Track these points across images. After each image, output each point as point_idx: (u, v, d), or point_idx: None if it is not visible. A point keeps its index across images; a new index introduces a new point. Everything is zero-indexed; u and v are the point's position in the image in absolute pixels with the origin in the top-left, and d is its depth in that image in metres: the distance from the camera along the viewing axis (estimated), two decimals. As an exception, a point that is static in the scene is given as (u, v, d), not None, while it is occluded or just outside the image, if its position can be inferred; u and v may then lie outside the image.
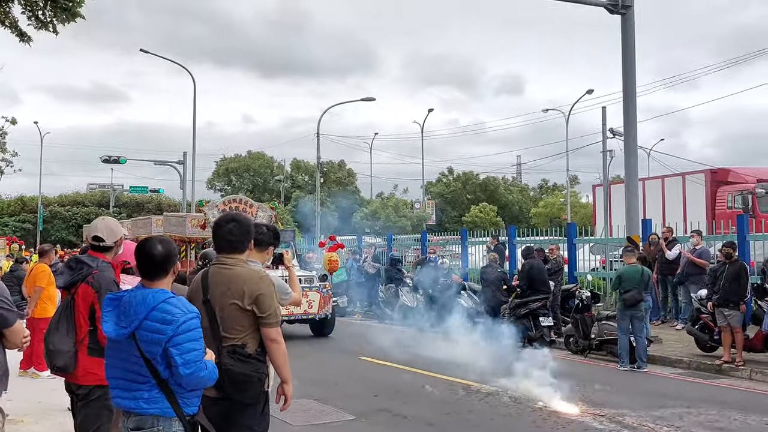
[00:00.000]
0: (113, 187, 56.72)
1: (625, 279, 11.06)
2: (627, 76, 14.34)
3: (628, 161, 14.35)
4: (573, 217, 44.76)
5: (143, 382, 3.25)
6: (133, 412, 3.27)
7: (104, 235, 4.51)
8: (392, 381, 9.91)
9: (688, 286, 13.76)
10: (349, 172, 66.72)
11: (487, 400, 8.59)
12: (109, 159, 30.50)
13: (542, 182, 73.58)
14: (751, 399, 8.77)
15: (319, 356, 12.62)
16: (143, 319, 3.22)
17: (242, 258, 4.01)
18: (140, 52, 30.81)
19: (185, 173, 31.61)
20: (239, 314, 3.86)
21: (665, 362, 11.21)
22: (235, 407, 3.90)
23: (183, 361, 3.18)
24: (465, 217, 59.14)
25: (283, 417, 7.46)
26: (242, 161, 69.24)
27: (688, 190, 23.76)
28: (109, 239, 4.51)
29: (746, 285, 10.47)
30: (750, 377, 10.03)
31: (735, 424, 7.43)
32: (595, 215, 28.78)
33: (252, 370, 3.81)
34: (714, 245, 14.56)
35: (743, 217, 14.44)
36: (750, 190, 21.49)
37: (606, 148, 29.82)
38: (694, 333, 11.49)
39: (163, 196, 52.82)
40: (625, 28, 14.36)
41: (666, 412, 7.85)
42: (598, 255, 18.39)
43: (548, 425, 7.36)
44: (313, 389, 9.20)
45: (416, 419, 7.69)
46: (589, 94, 38.73)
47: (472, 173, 68.93)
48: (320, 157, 36.11)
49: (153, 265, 3.41)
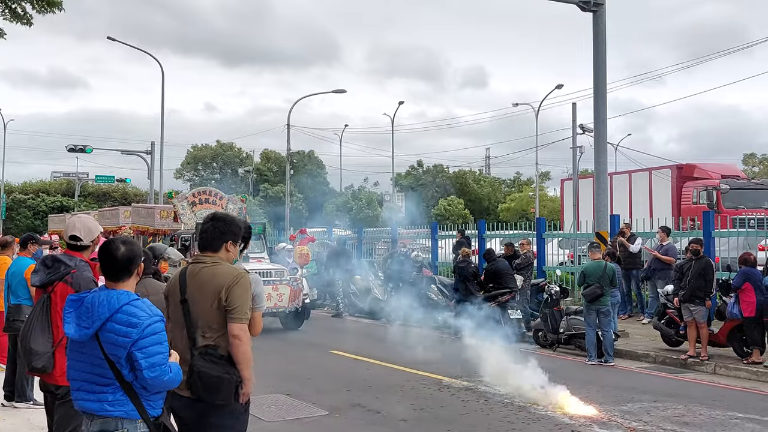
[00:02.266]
0: (78, 176, 55.80)
1: (588, 275, 11.23)
2: (598, 73, 14.46)
3: (598, 159, 14.51)
4: (541, 211, 45.15)
5: (107, 384, 3.23)
6: (96, 415, 3.25)
7: (82, 234, 4.46)
8: (364, 375, 9.93)
9: (655, 281, 13.99)
10: (318, 163, 66.45)
11: (459, 395, 8.66)
12: (75, 148, 29.93)
13: (515, 176, 74.00)
14: (715, 393, 8.97)
15: (290, 350, 12.59)
16: (106, 320, 3.20)
17: (220, 256, 3.99)
18: (97, 39, 30.30)
19: (153, 163, 31.18)
20: (214, 314, 3.84)
21: (632, 356, 11.41)
22: (209, 408, 3.88)
23: (148, 365, 3.17)
24: (434, 210, 59.32)
25: (256, 413, 7.44)
26: (211, 151, 68.53)
27: (654, 186, 24.13)
28: (86, 238, 4.47)
29: (712, 281, 10.68)
30: (714, 372, 10.25)
31: (700, 418, 7.59)
32: (563, 209, 29.08)
33: (224, 371, 3.78)
34: (680, 241, 14.82)
35: (709, 214, 14.72)
36: (715, 186, 21.90)
37: (576, 144, 30.12)
38: (660, 328, 11.70)
39: (130, 186, 52.11)
40: (597, 25, 14.47)
41: (634, 407, 7.99)
42: (567, 249, 18.61)
43: (519, 420, 7.45)
44: (285, 384, 9.18)
45: (389, 414, 7.72)
46: (559, 89, 39.03)
47: (442, 166, 69.16)
48: (290, 149, 35.87)
49: (116, 266, 3.37)
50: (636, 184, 24.86)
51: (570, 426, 7.23)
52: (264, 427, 7.12)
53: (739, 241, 14.02)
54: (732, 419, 7.54)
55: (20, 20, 6.64)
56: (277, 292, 14.20)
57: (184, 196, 16.52)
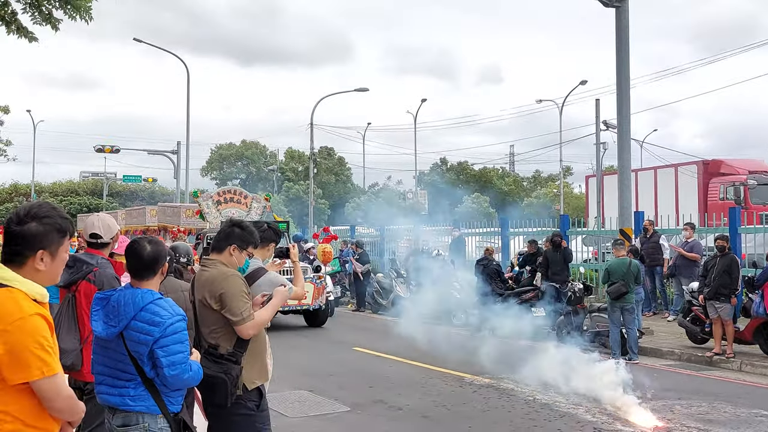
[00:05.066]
0: (106, 176, 56.54)
1: (613, 272, 11.15)
2: (621, 69, 14.33)
3: (621, 156, 14.38)
4: (565, 208, 44.84)
5: (129, 379, 3.31)
6: (118, 409, 3.33)
7: (101, 232, 4.57)
8: (386, 372, 9.98)
9: (680, 278, 13.87)
10: (341, 161, 66.59)
11: (481, 392, 8.67)
12: (103, 148, 30.33)
13: (536, 173, 73.61)
14: (740, 391, 8.88)
15: (313, 347, 12.68)
16: (131, 319, 3.28)
17: (220, 258, 4.06)
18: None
19: (179, 163, 31.50)
20: (209, 315, 3.92)
21: (656, 354, 11.33)
22: (211, 407, 3.97)
23: (168, 363, 3.24)
24: (458, 207, 59.18)
25: (279, 409, 7.54)
26: (236, 150, 69.06)
27: (680, 182, 23.85)
28: (106, 236, 4.58)
29: (737, 278, 10.57)
30: (740, 369, 10.15)
31: (725, 415, 7.53)
32: (588, 206, 28.87)
33: (221, 370, 3.82)
34: (706, 237, 14.66)
35: (735, 210, 14.53)
36: (742, 181, 21.60)
37: (599, 140, 29.88)
38: (685, 325, 11.60)
39: (156, 185, 52.71)
40: (620, 20, 14.33)
41: (657, 404, 7.94)
42: (591, 246, 18.49)
43: (541, 417, 7.44)
44: (307, 380, 9.27)
45: (411, 411, 7.76)
46: (583, 85, 38.74)
47: (467, 164, 68.94)
48: (314, 148, 36.02)
49: (141, 265, 3.45)
50: (661, 180, 24.60)
51: (592, 423, 7.21)
52: (287, 423, 7.20)
53: (766, 237, 13.83)
54: (757, 417, 7.47)
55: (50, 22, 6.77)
56: (301, 289, 14.27)
57: (209, 195, 16.69)
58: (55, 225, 2.65)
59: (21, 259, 2.59)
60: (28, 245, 2.59)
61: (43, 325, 2.52)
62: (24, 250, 2.59)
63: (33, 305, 2.53)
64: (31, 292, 2.54)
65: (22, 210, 2.64)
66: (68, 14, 6.78)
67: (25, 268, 2.59)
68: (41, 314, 2.54)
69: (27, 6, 6.84)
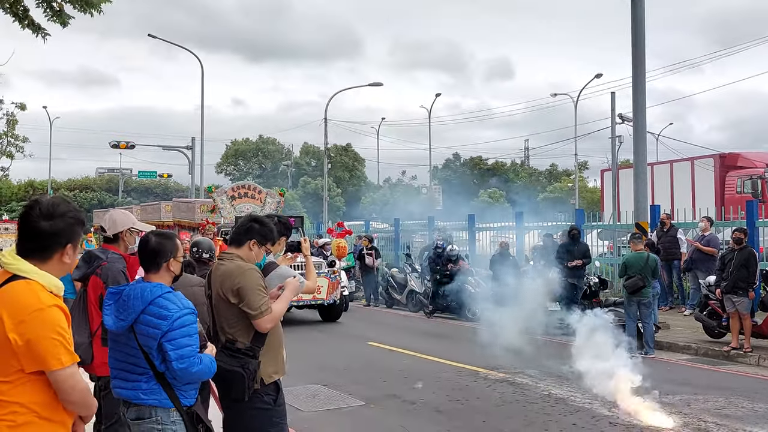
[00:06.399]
0: (122, 171, 56.91)
1: (630, 266, 11.06)
2: (637, 61, 14.18)
3: (637, 149, 14.24)
4: (581, 203, 44.60)
5: (141, 373, 3.34)
6: (132, 402, 3.36)
7: (106, 225, 4.63)
8: (400, 367, 9.97)
9: (696, 272, 13.74)
10: (356, 157, 66.62)
11: (495, 386, 8.64)
12: (118, 144, 30.51)
13: (551, 167, 73.29)
14: (758, 386, 8.79)
15: (327, 342, 12.70)
16: (140, 312, 3.31)
17: (239, 252, 4.06)
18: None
19: (194, 158, 31.65)
20: (227, 309, 3.92)
21: (673, 348, 11.24)
22: (229, 402, 3.97)
23: (177, 356, 3.26)
24: (474, 201, 59.06)
25: (293, 403, 7.55)
26: (251, 145, 69.29)
27: (696, 175, 23.64)
28: (110, 230, 4.62)
29: (755, 271, 10.45)
30: (758, 363, 10.05)
31: (742, 410, 7.46)
32: (603, 200, 28.69)
33: (238, 365, 3.82)
34: (723, 231, 14.52)
35: (753, 203, 14.38)
36: (759, 174, 21.37)
37: (615, 134, 29.65)
38: (702, 319, 11.50)
39: (171, 181, 53.03)
40: (636, 12, 14.19)
41: (674, 399, 7.89)
42: (607, 241, 18.37)
43: (556, 412, 7.41)
44: (321, 375, 9.28)
45: (425, 405, 7.75)
46: (598, 78, 38.49)
47: (480, 158, 68.78)
48: (328, 143, 36.04)
49: (144, 258, 3.51)
50: (678, 174, 24.39)
51: (608, 418, 7.17)
52: (301, 417, 7.21)
53: (785, 230, 13.68)
54: (775, 412, 7.39)
55: (59, 19, 6.76)
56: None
57: (224, 190, 16.74)
58: (78, 219, 2.73)
59: (48, 254, 2.64)
60: (56, 240, 2.65)
61: (61, 317, 2.56)
62: (53, 245, 2.64)
63: (51, 297, 2.57)
64: (48, 285, 2.59)
65: (43, 205, 2.67)
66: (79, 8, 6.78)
67: (51, 262, 2.64)
68: (59, 306, 2.58)
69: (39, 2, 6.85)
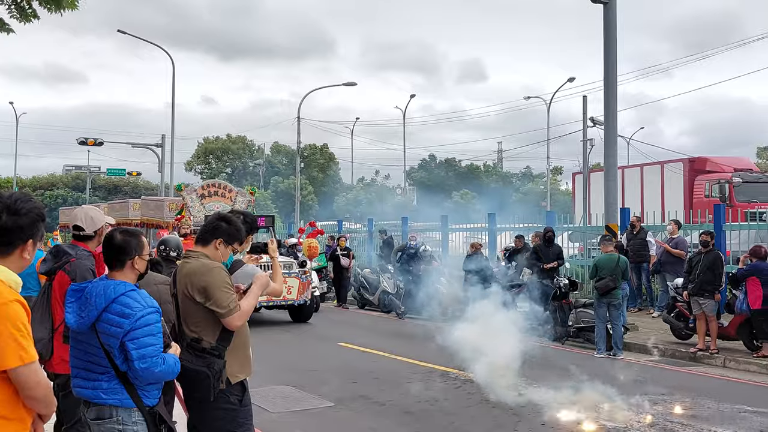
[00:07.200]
0: (90, 169, 56.02)
1: (601, 267, 11.14)
2: (608, 65, 14.29)
3: (607, 153, 14.36)
4: (553, 205, 44.97)
5: (102, 372, 3.27)
6: (92, 402, 3.30)
7: (84, 224, 4.54)
8: (371, 367, 9.93)
9: (665, 274, 13.89)
10: (330, 157, 66.43)
11: (465, 387, 8.63)
12: (86, 141, 30.01)
13: (526, 169, 73.83)
14: (724, 387, 8.90)
15: (297, 342, 12.61)
16: (103, 310, 3.24)
17: (205, 251, 4.00)
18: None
19: (164, 156, 31.27)
20: (192, 308, 3.86)
21: (641, 349, 11.34)
22: (193, 403, 3.90)
23: (139, 356, 3.21)
24: (447, 203, 59.23)
25: (262, 404, 7.46)
26: (221, 144, 68.70)
27: (666, 179, 23.94)
28: (89, 228, 4.55)
29: (721, 274, 10.60)
30: (723, 365, 10.18)
31: (709, 411, 7.53)
32: (575, 203, 28.94)
33: (204, 364, 3.77)
34: (691, 234, 14.70)
35: (720, 207, 14.58)
36: (727, 179, 21.70)
37: (586, 137, 29.93)
38: (669, 321, 11.63)
39: (141, 179, 52.40)
40: (608, 17, 14.29)
41: (641, 399, 7.93)
42: (577, 243, 18.51)
43: (525, 412, 7.42)
44: (291, 376, 9.20)
45: (393, 406, 7.71)
46: (571, 81, 38.81)
47: (455, 160, 69.07)
48: (300, 142, 35.85)
49: (109, 255, 3.44)
50: (648, 177, 24.68)
51: (577, 419, 7.18)
52: (269, 418, 7.13)
53: (751, 234, 13.88)
54: (741, 413, 7.47)
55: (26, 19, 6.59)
56: (285, 285, 14.21)
57: (193, 188, 16.54)
58: (41, 215, 2.72)
59: (9, 249, 2.62)
60: (18, 236, 2.64)
61: (21, 312, 2.52)
62: (15, 240, 2.63)
63: (12, 292, 2.53)
64: (7, 280, 2.55)
65: (6, 201, 2.65)
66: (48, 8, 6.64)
67: (11, 257, 2.62)
68: (20, 301, 2.54)
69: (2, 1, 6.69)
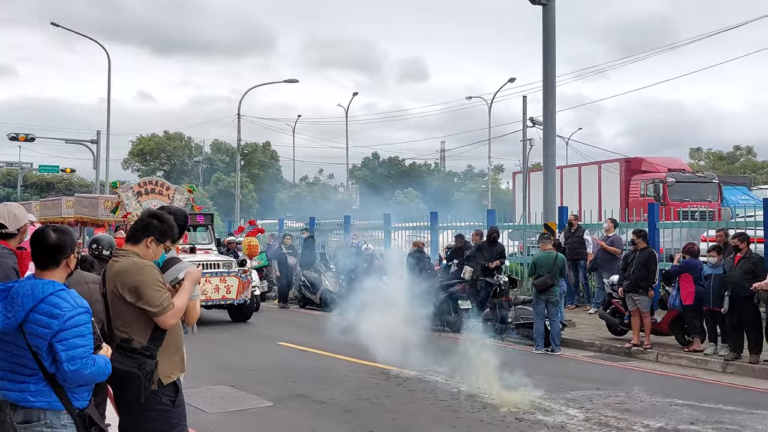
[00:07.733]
0: (21, 165, 54.08)
1: (539, 265, 11.31)
2: (547, 66, 14.49)
3: (546, 152, 14.59)
4: (494, 204, 45.58)
5: (30, 374, 3.16)
6: (19, 405, 3.18)
7: (7, 221, 4.41)
8: (310, 366, 9.83)
9: (601, 271, 14.20)
10: (272, 155, 65.81)
11: (405, 384, 8.63)
12: (17, 136, 28.95)
13: (468, 168, 74.63)
14: (657, 380, 9.12)
15: (236, 342, 12.41)
16: (30, 311, 3.12)
17: (135, 249, 3.89)
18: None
19: (99, 153, 30.41)
20: (123, 307, 3.76)
21: (578, 345, 11.55)
22: (124, 404, 3.79)
23: (68, 357, 3.11)
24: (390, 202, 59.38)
25: (198, 405, 7.30)
26: (158, 141, 67.20)
27: (603, 179, 24.51)
28: (12, 226, 4.42)
29: (655, 271, 10.87)
30: (657, 360, 10.45)
31: (641, 405, 7.70)
32: (515, 201, 29.38)
33: (134, 365, 3.65)
34: (627, 232, 15.07)
35: (654, 206, 14.98)
36: (661, 179, 22.35)
37: (526, 137, 30.43)
38: (605, 317, 11.88)
39: (75, 176, 50.87)
40: (547, 18, 14.51)
41: (577, 394, 8.07)
42: (517, 241, 18.77)
43: (464, 409, 7.45)
44: (229, 375, 9.04)
45: (334, 405, 7.64)
46: (511, 82, 39.36)
47: (398, 158, 69.29)
48: (241, 140, 35.38)
49: (43, 254, 3.30)
50: (585, 177, 25.22)
51: (514, 414, 7.25)
52: (206, 419, 6.97)
53: (683, 232, 14.31)
54: (672, 405, 7.66)
55: None
56: (225, 284, 13.99)
57: (130, 186, 16.13)
58: None
59: None
60: None
61: None
62: None
63: None
64: None
65: None
66: None
67: None
68: None
69: None
